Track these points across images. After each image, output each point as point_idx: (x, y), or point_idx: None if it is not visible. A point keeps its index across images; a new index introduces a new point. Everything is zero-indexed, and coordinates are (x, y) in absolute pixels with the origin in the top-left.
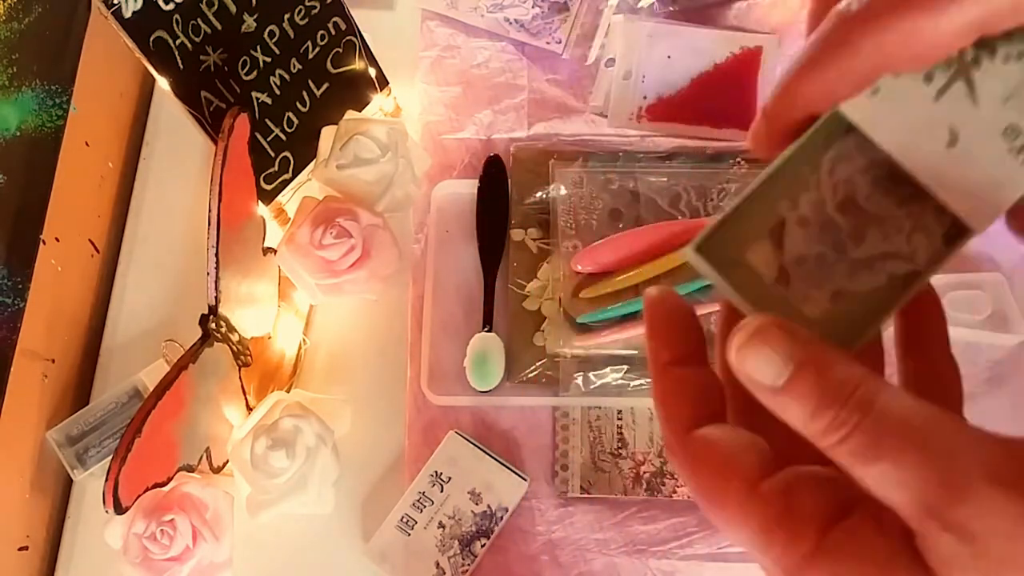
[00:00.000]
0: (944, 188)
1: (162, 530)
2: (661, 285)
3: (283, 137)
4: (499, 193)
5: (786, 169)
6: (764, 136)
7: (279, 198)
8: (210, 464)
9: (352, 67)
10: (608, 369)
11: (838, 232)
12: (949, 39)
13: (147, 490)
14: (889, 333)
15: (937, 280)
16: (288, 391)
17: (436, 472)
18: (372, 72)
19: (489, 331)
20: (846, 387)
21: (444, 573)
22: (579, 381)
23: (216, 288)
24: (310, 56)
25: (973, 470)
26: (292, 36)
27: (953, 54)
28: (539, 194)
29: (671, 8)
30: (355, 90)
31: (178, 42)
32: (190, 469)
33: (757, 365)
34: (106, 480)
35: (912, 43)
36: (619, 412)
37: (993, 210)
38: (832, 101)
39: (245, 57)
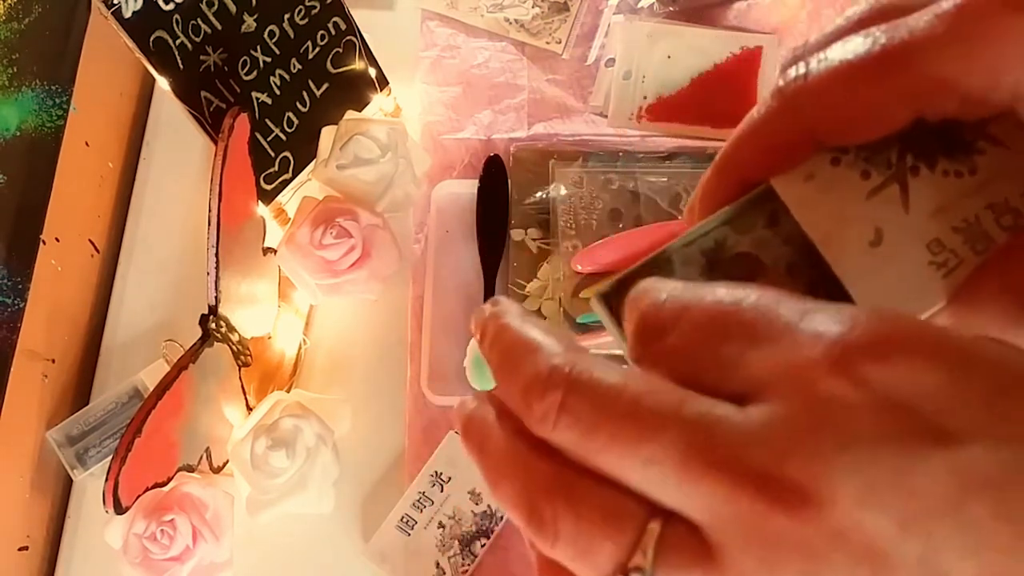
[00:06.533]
0: (858, 285)
1: (162, 530)
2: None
3: (283, 137)
4: (499, 193)
5: (709, 230)
6: (696, 206)
7: (279, 198)
8: (210, 464)
9: (352, 67)
10: None
11: None
12: (884, 107)
13: (147, 490)
14: None
15: None
16: (288, 391)
17: (436, 472)
18: (372, 72)
19: None
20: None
21: (444, 573)
22: None
23: (216, 288)
24: (310, 56)
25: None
26: (292, 36)
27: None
28: (539, 194)
29: (671, 8)
30: (355, 90)
31: (178, 42)
32: (190, 469)
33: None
34: (106, 480)
35: (850, 107)
36: None
37: None
38: (768, 169)
39: (245, 57)
